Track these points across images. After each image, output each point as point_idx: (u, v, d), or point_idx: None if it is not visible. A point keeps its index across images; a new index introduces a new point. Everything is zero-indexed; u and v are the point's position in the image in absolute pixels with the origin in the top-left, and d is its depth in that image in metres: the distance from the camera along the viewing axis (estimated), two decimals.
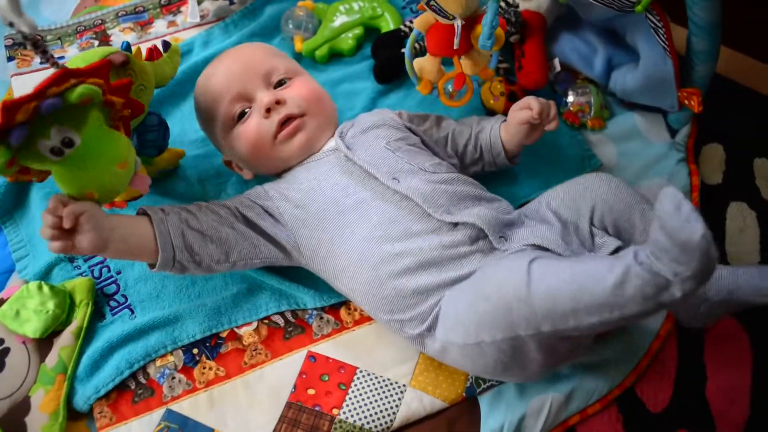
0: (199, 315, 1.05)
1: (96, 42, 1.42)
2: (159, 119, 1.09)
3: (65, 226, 0.81)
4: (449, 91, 1.15)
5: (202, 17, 1.46)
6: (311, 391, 0.99)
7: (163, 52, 1.10)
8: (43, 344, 1.03)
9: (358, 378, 1.00)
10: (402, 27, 1.35)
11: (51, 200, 0.82)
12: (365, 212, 0.97)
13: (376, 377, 1.00)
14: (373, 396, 0.98)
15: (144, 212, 0.95)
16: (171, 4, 1.49)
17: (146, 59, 1.05)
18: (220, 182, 1.20)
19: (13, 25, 0.77)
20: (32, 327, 1.01)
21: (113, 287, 1.09)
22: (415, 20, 1.09)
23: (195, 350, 1.03)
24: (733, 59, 1.31)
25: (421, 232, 0.94)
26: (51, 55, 0.82)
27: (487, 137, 1.10)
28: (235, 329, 1.05)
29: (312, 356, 1.02)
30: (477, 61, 1.10)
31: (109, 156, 0.87)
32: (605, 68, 1.25)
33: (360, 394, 0.98)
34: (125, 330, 1.03)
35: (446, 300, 0.89)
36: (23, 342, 1.03)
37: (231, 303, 1.07)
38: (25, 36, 0.78)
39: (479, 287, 0.85)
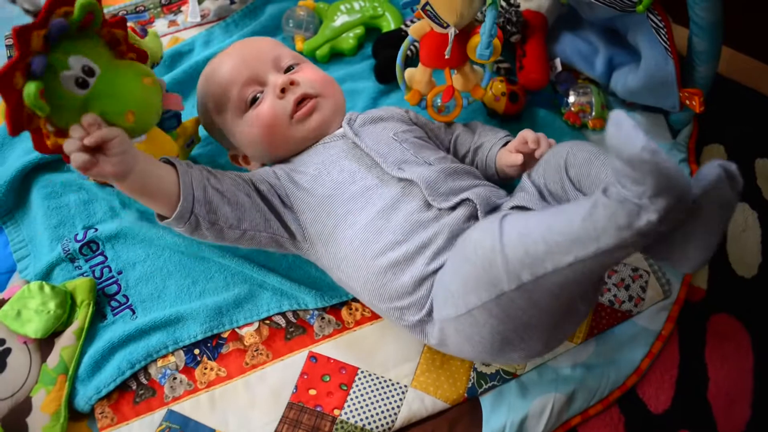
0: (201, 315, 1.05)
1: None
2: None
3: (87, 143, 0.80)
4: (438, 105, 1.15)
5: (203, 17, 1.46)
6: (312, 392, 0.99)
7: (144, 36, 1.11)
8: (45, 344, 1.03)
9: (360, 378, 1.00)
10: (403, 27, 1.35)
11: (87, 116, 0.81)
12: (369, 199, 0.97)
13: (378, 378, 1.00)
14: (375, 396, 0.98)
15: (168, 161, 0.94)
16: (172, 4, 1.49)
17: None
18: None
19: (16, 1, 0.76)
20: (33, 327, 1.01)
21: (114, 287, 1.09)
22: (411, 27, 1.09)
23: (196, 350, 1.03)
24: (735, 60, 1.31)
25: (424, 220, 0.94)
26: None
27: (484, 158, 1.10)
28: (237, 330, 1.05)
29: (313, 357, 1.02)
30: (469, 77, 1.10)
31: (132, 74, 0.88)
32: (606, 68, 1.24)
33: (361, 395, 0.98)
34: (126, 330, 1.03)
35: (437, 279, 0.90)
36: (24, 342, 1.03)
37: (232, 303, 1.06)
38: (27, 11, 0.78)
39: (460, 253, 0.85)
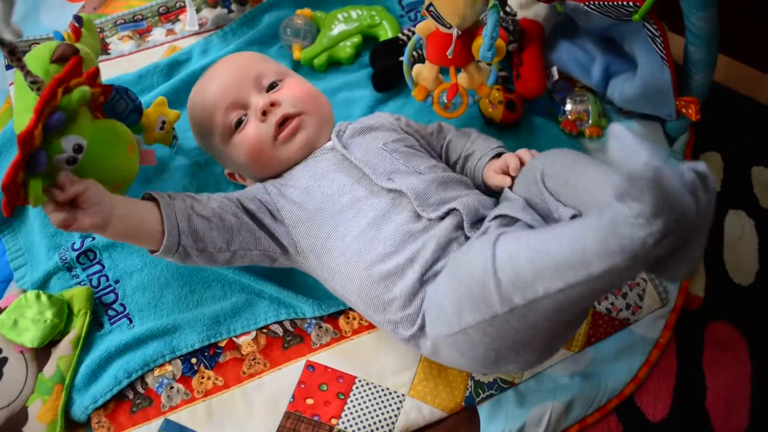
0: (198, 324, 1.05)
1: None
2: (114, 88, 1.07)
3: (60, 200, 0.79)
4: (444, 102, 1.15)
5: (201, 25, 1.46)
6: (310, 401, 0.99)
7: (80, 27, 1.09)
8: (41, 354, 1.02)
9: (357, 387, 1.00)
10: (400, 35, 1.35)
11: (60, 174, 0.81)
12: (360, 210, 0.97)
13: (375, 387, 1.00)
14: (372, 406, 0.98)
15: (150, 197, 0.93)
16: (169, 13, 1.49)
17: (75, 41, 1.05)
18: (219, 189, 1.20)
19: None
20: (30, 336, 1.01)
21: (111, 296, 1.09)
22: (417, 25, 1.09)
23: (193, 360, 1.03)
24: (731, 68, 1.31)
25: (414, 231, 0.94)
26: (24, 65, 0.82)
27: (472, 168, 1.10)
28: (234, 339, 1.05)
29: (311, 366, 1.02)
30: (474, 76, 1.10)
31: (116, 145, 0.89)
32: (603, 76, 1.25)
33: (359, 404, 0.98)
34: (123, 339, 1.03)
35: (427, 295, 0.89)
36: (21, 351, 1.02)
37: (230, 312, 1.06)
38: (2, 42, 0.77)
39: (453, 273, 0.85)
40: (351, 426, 0.96)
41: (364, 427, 0.96)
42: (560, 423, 0.97)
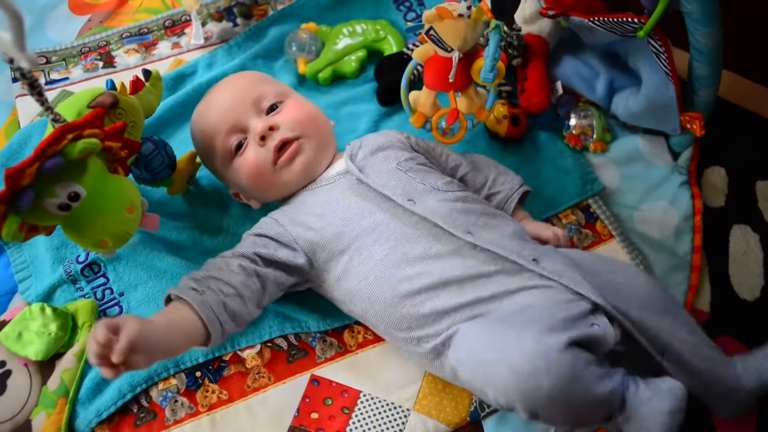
0: None
1: (100, 63, 1.43)
2: (154, 142, 1.08)
3: (114, 361, 0.73)
4: (442, 127, 1.15)
5: (206, 39, 1.46)
6: (314, 415, 0.99)
7: (146, 81, 1.10)
8: (45, 367, 1.02)
9: (362, 402, 0.99)
10: (405, 50, 1.36)
11: (98, 329, 0.74)
12: (382, 234, 0.96)
13: (380, 401, 0.99)
14: (377, 420, 0.98)
15: (177, 296, 0.88)
16: (175, 26, 1.50)
17: (131, 92, 1.05)
18: (224, 204, 1.20)
19: (13, 62, 0.74)
20: (34, 349, 1.01)
21: (116, 309, 1.09)
22: (414, 51, 1.09)
23: (198, 373, 1.03)
24: (736, 83, 1.31)
25: (442, 253, 0.93)
26: (45, 100, 0.82)
27: (501, 205, 1.09)
28: (238, 352, 1.05)
29: (315, 380, 1.02)
30: (474, 100, 1.10)
31: (117, 202, 0.88)
32: (607, 91, 1.25)
33: (364, 419, 0.98)
34: None
35: (464, 332, 0.86)
36: (25, 364, 1.02)
37: None
38: (23, 74, 0.77)
39: (500, 347, 0.80)
40: None
41: None
42: None
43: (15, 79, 1.40)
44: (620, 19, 1.06)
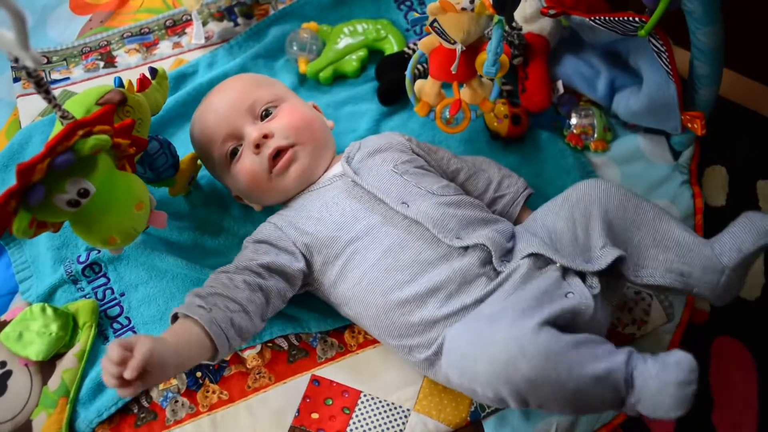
0: None
1: (101, 63, 1.43)
2: (159, 141, 1.09)
3: (127, 377, 0.74)
4: (446, 117, 1.15)
5: (207, 39, 1.46)
6: (315, 416, 0.99)
7: (152, 80, 1.10)
8: (46, 367, 1.02)
9: (363, 402, 0.99)
10: (406, 49, 1.35)
11: (112, 349, 0.75)
12: (375, 238, 0.96)
13: (381, 401, 0.99)
14: (378, 420, 0.98)
15: (184, 314, 0.87)
16: (176, 26, 1.50)
17: (138, 90, 1.05)
18: (225, 204, 1.20)
19: (18, 61, 0.74)
20: (35, 349, 1.01)
21: (117, 309, 1.09)
22: (421, 41, 1.09)
23: (198, 373, 1.03)
24: (737, 82, 1.31)
25: (432, 259, 0.93)
26: (53, 97, 0.81)
27: (505, 211, 1.09)
28: (239, 352, 1.05)
29: (316, 380, 1.02)
30: (477, 91, 1.10)
31: (125, 199, 0.88)
32: (608, 90, 1.25)
33: (364, 419, 0.98)
34: None
35: (449, 336, 0.85)
36: (26, 364, 1.03)
37: None
38: (29, 73, 0.77)
39: (479, 341, 0.80)
40: None
41: None
42: None
43: (16, 79, 1.40)
44: (621, 18, 1.06)
